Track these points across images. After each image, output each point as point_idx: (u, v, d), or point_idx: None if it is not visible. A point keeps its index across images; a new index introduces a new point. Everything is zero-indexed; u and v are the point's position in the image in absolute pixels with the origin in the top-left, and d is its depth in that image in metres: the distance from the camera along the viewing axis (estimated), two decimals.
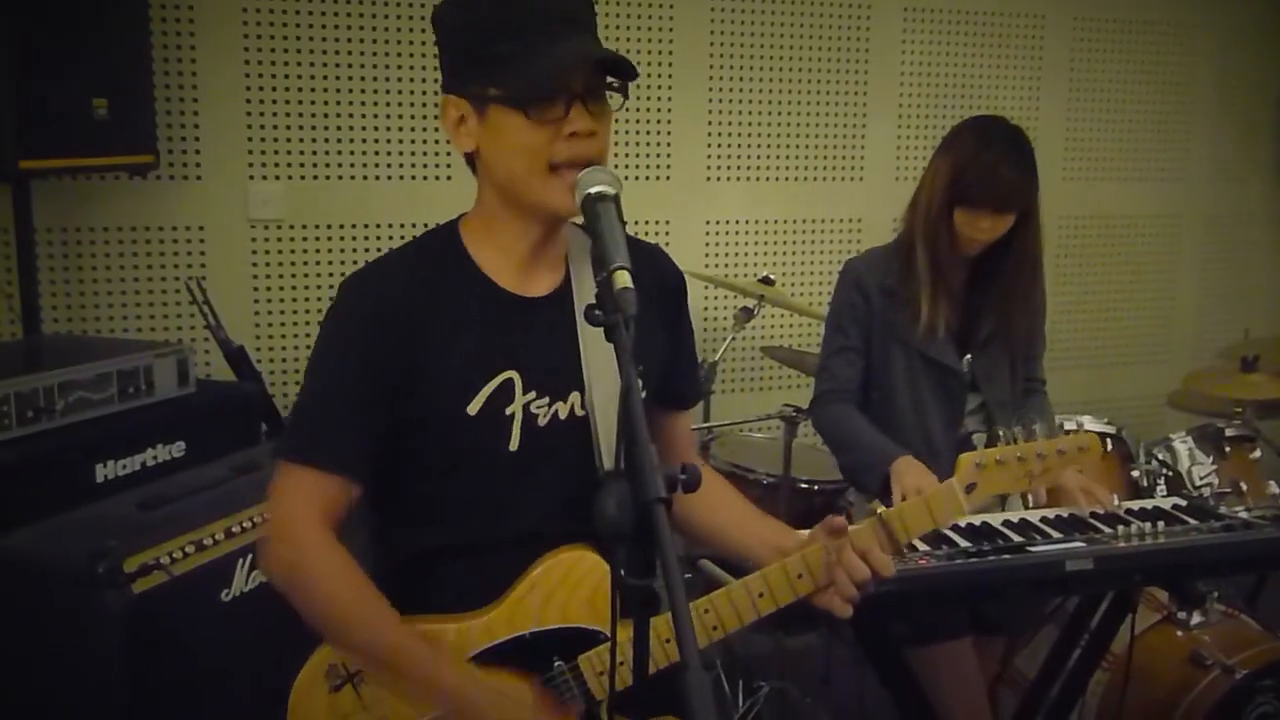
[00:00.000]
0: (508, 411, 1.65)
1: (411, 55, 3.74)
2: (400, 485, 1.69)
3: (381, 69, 3.71)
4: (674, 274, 1.86)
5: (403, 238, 1.98)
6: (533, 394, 1.66)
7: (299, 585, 1.61)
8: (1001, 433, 1.90)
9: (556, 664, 1.66)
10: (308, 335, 3.69)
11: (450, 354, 1.64)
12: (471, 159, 1.69)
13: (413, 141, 3.76)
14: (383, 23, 3.69)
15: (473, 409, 1.64)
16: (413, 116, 3.76)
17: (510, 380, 1.65)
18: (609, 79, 1.62)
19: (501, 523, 1.67)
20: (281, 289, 3.69)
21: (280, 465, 1.66)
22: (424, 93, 3.77)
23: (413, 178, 3.75)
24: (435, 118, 3.78)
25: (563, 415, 1.68)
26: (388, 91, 3.73)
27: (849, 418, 2.65)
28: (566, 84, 1.57)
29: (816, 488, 3.47)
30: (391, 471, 1.68)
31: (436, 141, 3.77)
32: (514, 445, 1.65)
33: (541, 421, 1.67)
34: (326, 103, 3.68)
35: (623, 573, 1.28)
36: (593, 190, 1.50)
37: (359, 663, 1.63)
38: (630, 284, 1.37)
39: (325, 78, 3.67)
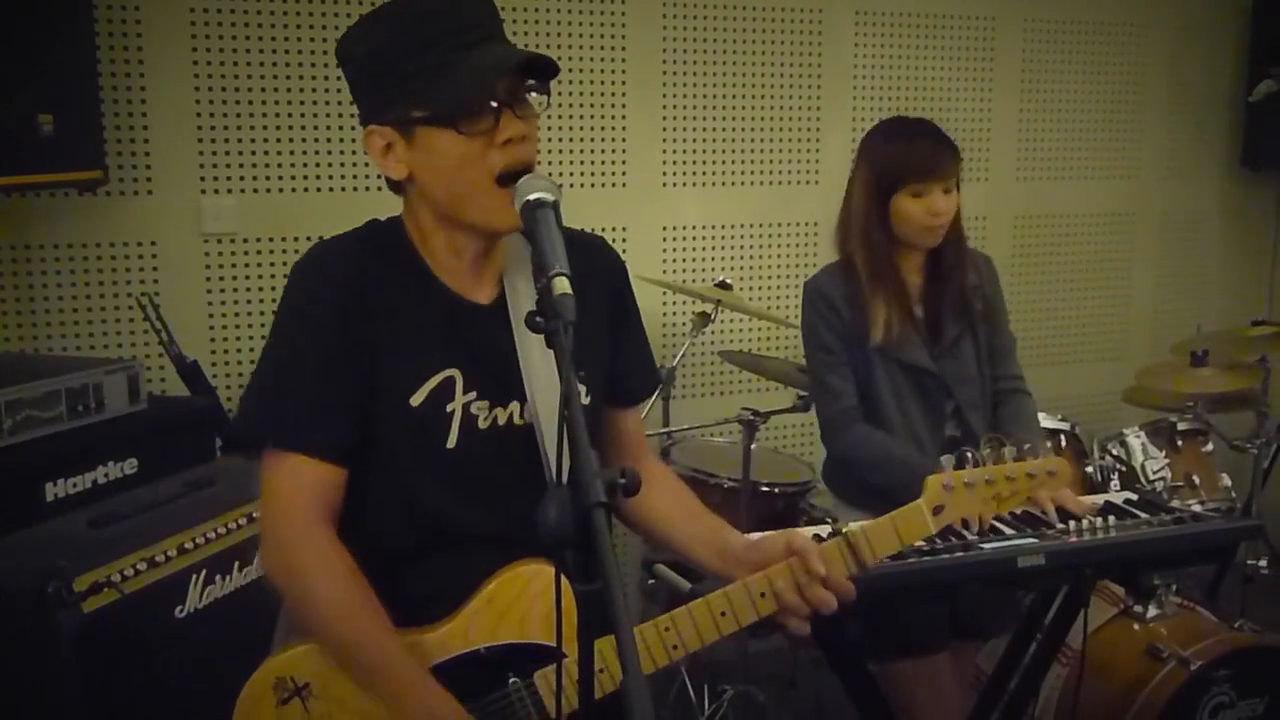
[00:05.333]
0: (448, 409, 1.66)
1: None
2: (349, 480, 1.68)
3: (334, 80, 3.70)
4: (616, 264, 1.87)
5: None
6: (473, 394, 1.67)
7: (295, 590, 1.61)
8: (970, 454, 1.88)
9: (512, 681, 1.65)
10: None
11: (398, 344, 1.65)
12: (397, 185, 1.70)
13: (366, 152, 3.74)
14: (333, 34, 3.68)
15: (415, 400, 1.64)
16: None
17: (452, 378, 1.66)
18: (528, 81, 1.62)
19: (443, 522, 1.67)
20: (236, 303, 3.67)
21: (266, 452, 1.63)
22: None
23: (366, 189, 3.74)
24: None
25: (501, 421, 1.69)
26: (339, 103, 3.71)
27: (871, 438, 2.62)
28: (491, 93, 1.57)
29: (777, 490, 3.49)
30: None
31: None
32: (451, 443, 1.66)
33: (482, 424, 1.67)
34: (278, 115, 3.66)
35: (572, 579, 1.29)
36: (531, 197, 1.51)
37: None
38: (569, 290, 1.39)
39: (276, 90, 3.65)
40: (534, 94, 1.62)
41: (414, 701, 1.57)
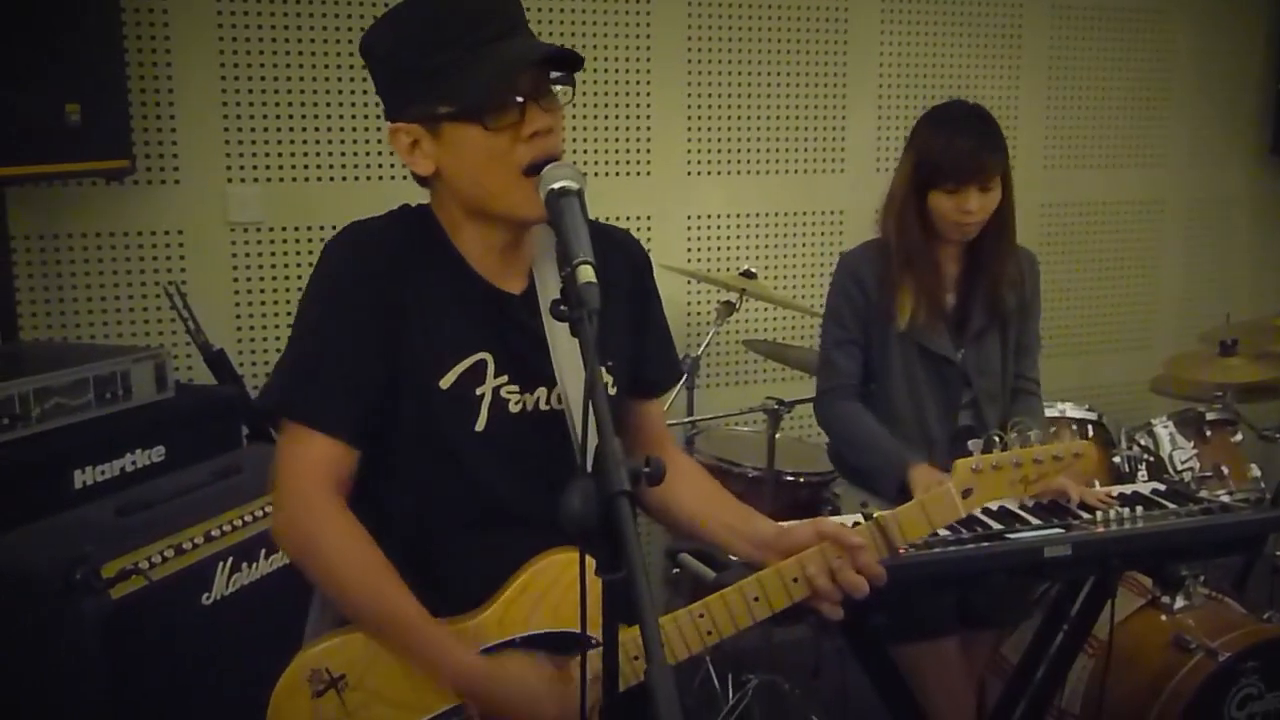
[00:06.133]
0: (478, 392, 1.66)
1: None
2: (374, 461, 1.68)
3: (359, 70, 3.69)
4: (640, 256, 1.87)
5: None
6: (504, 378, 1.67)
7: (312, 556, 1.61)
8: (998, 438, 1.90)
9: None
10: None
11: (428, 326, 1.65)
12: (424, 180, 1.70)
13: (392, 149, 3.74)
14: (358, 23, 3.68)
15: (444, 383, 1.65)
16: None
17: (483, 361, 1.66)
18: (553, 73, 1.62)
19: (473, 504, 1.67)
20: (262, 291, 3.68)
21: (284, 424, 1.64)
22: None
23: (391, 177, 3.75)
24: None
25: (530, 406, 1.69)
26: (365, 93, 3.71)
27: (859, 418, 2.65)
28: (516, 87, 1.57)
29: (802, 480, 3.48)
30: (370, 447, 1.67)
31: None
32: (480, 426, 1.66)
33: (513, 408, 1.68)
34: (304, 104, 3.67)
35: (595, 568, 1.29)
36: (555, 186, 1.51)
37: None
38: (593, 278, 1.39)
39: (302, 79, 3.66)
40: (559, 86, 1.62)
41: (435, 652, 1.59)
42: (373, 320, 1.63)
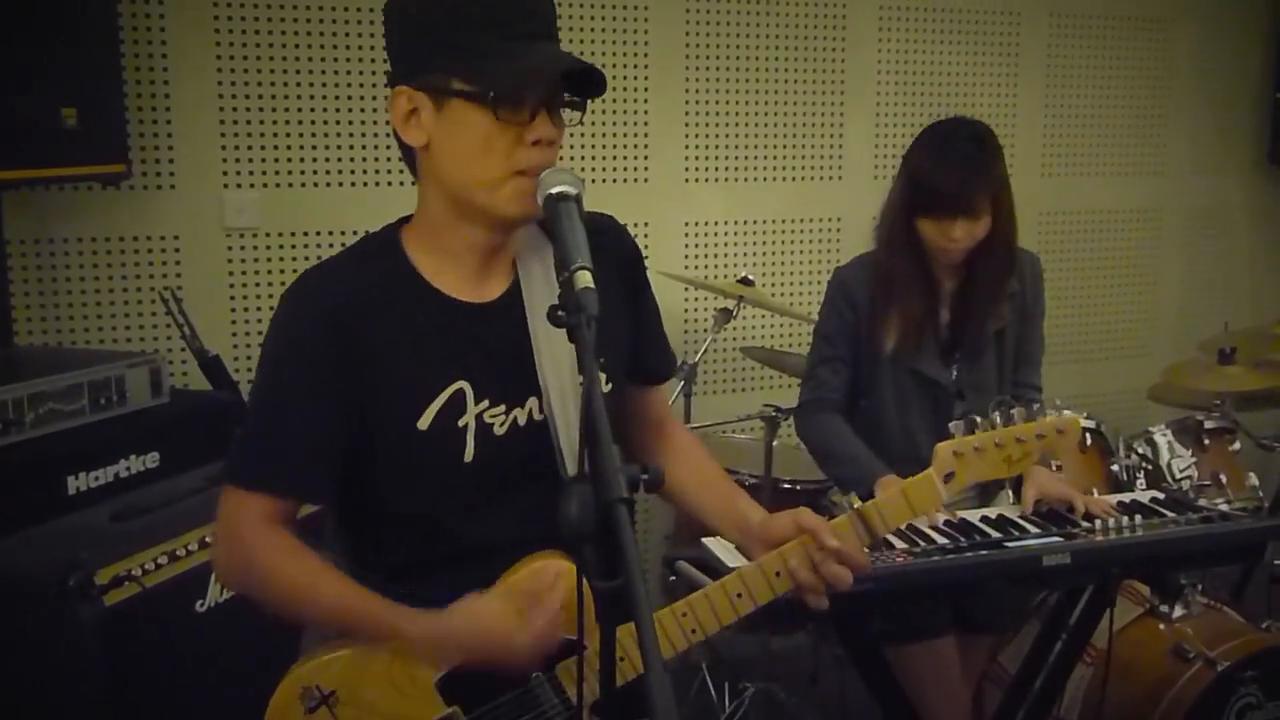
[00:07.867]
0: (460, 423, 1.62)
1: (384, 61, 3.72)
2: (363, 502, 1.67)
3: (355, 75, 3.70)
4: (630, 245, 1.84)
5: None
6: (485, 403, 1.64)
7: (251, 573, 1.62)
8: (979, 420, 1.86)
9: (534, 675, 1.64)
10: None
11: (398, 367, 1.61)
12: (412, 158, 1.66)
13: (388, 147, 3.74)
14: (355, 28, 3.68)
15: (423, 424, 1.61)
16: (387, 122, 3.74)
17: (461, 391, 1.63)
18: (568, 95, 1.60)
19: (468, 535, 1.65)
20: (258, 297, 3.67)
21: (225, 488, 1.64)
22: None
23: (388, 184, 3.74)
24: None
25: (522, 421, 1.66)
26: (361, 98, 3.71)
27: (834, 430, 2.65)
28: (539, 90, 1.55)
29: (799, 487, 3.47)
30: (354, 488, 1.65)
31: None
32: (469, 457, 1.63)
33: (499, 430, 1.65)
34: (300, 110, 3.66)
35: (591, 574, 1.28)
36: (554, 190, 1.49)
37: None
38: (592, 284, 1.37)
39: (299, 84, 3.65)
40: (569, 108, 1.61)
41: (386, 625, 1.59)
42: (323, 374, 1.59)
